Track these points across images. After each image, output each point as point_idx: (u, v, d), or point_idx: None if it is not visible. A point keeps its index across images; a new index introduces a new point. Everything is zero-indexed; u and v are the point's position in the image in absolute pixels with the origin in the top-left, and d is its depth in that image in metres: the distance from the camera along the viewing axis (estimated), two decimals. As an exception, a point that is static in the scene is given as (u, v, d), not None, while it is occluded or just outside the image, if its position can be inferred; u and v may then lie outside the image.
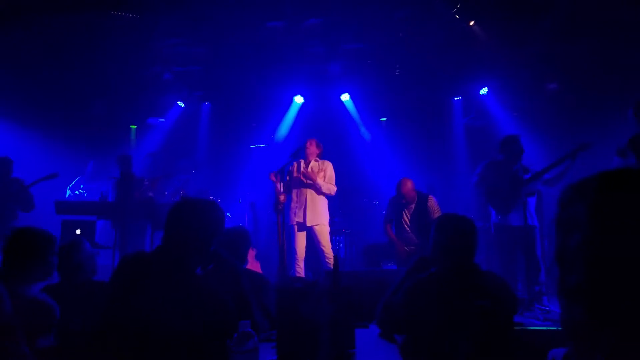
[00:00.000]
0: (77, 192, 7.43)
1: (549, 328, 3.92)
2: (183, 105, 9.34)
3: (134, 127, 9.43)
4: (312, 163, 5.99)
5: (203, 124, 9.56)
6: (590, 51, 6.88)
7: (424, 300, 2.31)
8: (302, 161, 6.01)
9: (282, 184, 5.75)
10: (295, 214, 5.86)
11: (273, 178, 5.68)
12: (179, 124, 9.46)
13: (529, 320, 4.24)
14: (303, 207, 5.83)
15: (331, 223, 7.53)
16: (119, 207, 5.62)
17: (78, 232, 5.57)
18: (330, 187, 5.90)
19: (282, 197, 5.63)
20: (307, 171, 5.85)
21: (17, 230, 2.49)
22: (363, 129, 9.15)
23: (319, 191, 5.86)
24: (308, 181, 5.83)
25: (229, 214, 7.64)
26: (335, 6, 6.66)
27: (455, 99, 9.09)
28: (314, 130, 8.73)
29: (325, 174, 5.93)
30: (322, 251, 5.79)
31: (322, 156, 6.10)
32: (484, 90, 8.57)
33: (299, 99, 9.10)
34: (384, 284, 2.95)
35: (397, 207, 5.79)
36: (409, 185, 5.67)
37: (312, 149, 5.98)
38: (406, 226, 5.74)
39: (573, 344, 0.95)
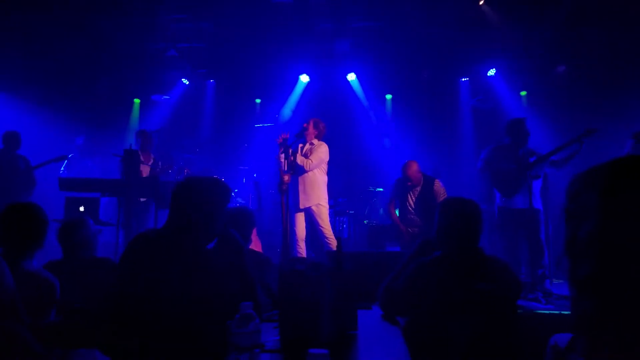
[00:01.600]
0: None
1: (551, 312, 3.93)
2: (187, 82, 9.27)
3: (137, 100, 9.35)
4: (307, 145, 5.93)
5: (208, 102, 9.51)
6: (601, 35, 6.77)
7: (427, 283, 2.30)
8: (300, 144, 5.97)
9: (286, 162, 5.68)
10: (292, 195, 5.86)
11: (280, 141, 5.55)
12: (183, 101, 9.40)
13: (531, 304, 4.25)
14: (296, 188, 5.83)
15: (335, 204, 7.52)
16: (124, 184, 5.60)
17: (82, 209, 5.58)
18: (305, 161, 5.72)
19: (286, 177, 5.60)
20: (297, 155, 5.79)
21: (11, 205, 2.49)
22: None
23: (301, 171, 5.77)
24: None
25: (236, 190, 7.63)
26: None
27: (463, 79, 8.98)
28: (319, 110, 8.66)
29: (310, 154, 5.84)
30: (321, 231, 5.80)
31: (322, 137, 6.00)
32: (491, 72, 8.46)
33: (304, 78, 9.01)
34: (388, 266, 2.94)
35: (402, 189, 5.76)
36: (414, 167, 5.63)
37: (310, 129, 5.92)
38: (410, 208, 5.73)
39: (583, 334, 0.93)
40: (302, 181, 5.82)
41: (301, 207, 5.79)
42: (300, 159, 5.72)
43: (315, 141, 5.92)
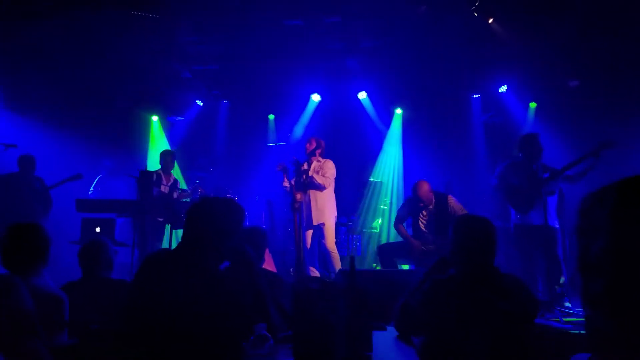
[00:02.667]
0: (97, 189, 7.53)
1: (570, 330, 3.86)
2: (202, 104, 9.41)
3: (155, 117, 9.45)
4: (315, 163, 6.02)
5: (221, 122, 9.62)
6: (613, 48, 6.74)
7: (443, 302, 2.29)
8: (305, 162, 6.05)
9: (292, 181, 5.86)
10: (304, 214, 5.92)
11: (280, 168, 5.86)
12: (197, 122, 9.54)
13: (549, 322, 4.18)
14: (308, 206, 5.88)
15: (348, 221, 7.55)
16: (139, 205, 5.67)
17: (98, 229, 5.65)
18: (323, 179, 5.90)
19: (298, 196, 5.64)
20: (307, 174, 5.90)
21: (13, 226, 2.56)
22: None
23: (319, 189, 5.88)
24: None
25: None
26: (353, 4, 6.63)
27: (474, 96, 8.98)
28: (330, 128, 8.72)
29: (322, 169, 5.98)
30: (327, 245, 5.86)
31: (324, 153, 6.10)
32: (503, 88, 8.46)
33: (316, 97, 9.09)
34: (402, 285, 2.93)
35: (414, 208, 5.71)
36: (425, 187, 5.58)
37: (312, 148, 6.04)
38: (423, 227, 5.66)
39: (597, 353, 0.93)
40: (315, 198, 5.91)
41: (315, 223, 5.86)
42: (319, 178, 5.84)
43: (320, 158, 6.02)
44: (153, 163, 8.33)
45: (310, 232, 6.01)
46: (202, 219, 2.12)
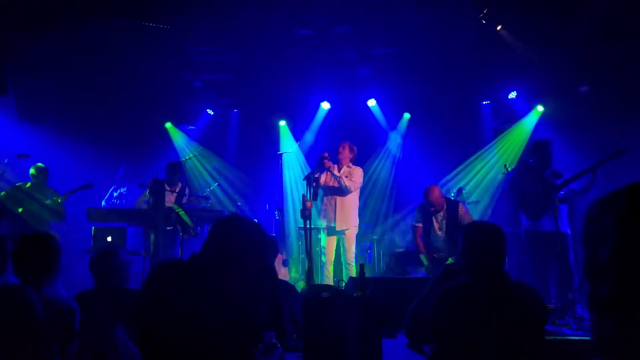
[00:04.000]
0: (113, 201, 7.57)
1: (582, 338, 3.82)
2: (212, 113, 9.48)
3: (169, 125, 9.52)
4: (344, 168, 5.98)
5: (232, 131, 9.68)
6: (623, 53, 6.71)
7: (453, 309, 2.28)
8: (335, 166, 5.97)
9: (310, 189, 5.74)
10: (325, 217, 5.89)
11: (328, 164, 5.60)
12: (208, 130, 9.61)
13: (561, 330, 4.14)
14: (333, 211, 5.85)
15: (359, 229, 7.53)
16: (150, 214, 5.71)
17: (109, 239, 5.69)
18: (349, 182, 5.85)
19: (309, 204, 5.62)
20: (333, 168, 5.80)
21: (24, 237, 2.60)
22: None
23: (344, 192, 5.86)
24: (335, 184, 5.83)
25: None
26: (363, 12, 6.67)
27: (484, 102, 8.97)
28: (341, 135, 8.73)
29: (350, 174, 5.94)
30: (348, 255, 5.83)
31: (355, 160, 6.07)
32: (512, 95, 8.44)
33: (325, 105, 9.12)
34: (412, 292, 2.92)
35: (426, 214, 5.69)
36: (436, 192, 5.57)
37: (345, 153, 5.97)
38: (436, 233, 5.64)
39: (604, 358, 0.94)
40: (341, 204, 5.86)
41: (338, 229, 5.81)
42: (346, 181, 5.80)
43: (350, 164, 6.00)
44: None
45: (332, 238, 5.94)
46: (231, 236, 2.07)
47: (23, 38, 6.61)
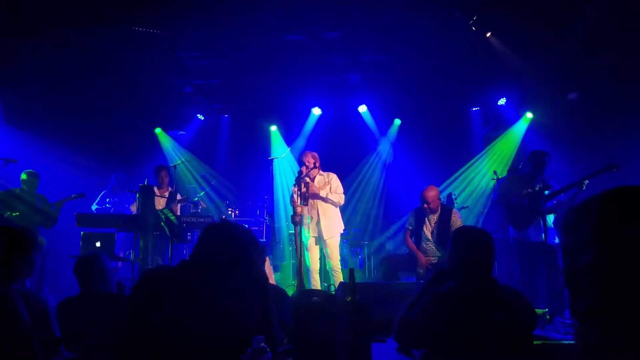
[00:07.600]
0: (105, 206, 7.51)
1: (570, 342, 3.83)
2: (203, 118, 9.46)
3: (159, 130, 9.48)
4: (318, 177, 5.94)
5: (222, 136, 9.67)
6: (613, 62, 6.79)
7: (443, 314, 2.29)
8: (306, 177, 5.94)
9: (299, 194, 5.72)
10: (309, 227, 5.86)
11: (295, 190, 5.64)
12: (198, 136, 9.58)
13: (550, 334, 4.16)
14: (316, 221, 5.83)
15: (350, 234, 7.52)
16: (140, 219, 5.67)
17: (98, 244, 5.64)
18: (338, 197, 5.87)
19: (299, 209, 5.61)
20: (312, 187, 5.77)
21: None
22: None
23: (328, 203, 5.85)
24: (315, 195, 5.79)
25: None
26: (353, 19, 6.70)
27: (474, 109, 9.03)
28: (331, 141, 8.76)
29: (331, 186, 5.91)
30: (332, 262, 5.81)
31: (321, 166, 6.04)
32: (502, 101, 8.51)
33: (316, 111, 9.13)
34: (403, 297, 2.92)
35: (420, 216, 5.70)
36: (434, 192, 5.58)
37: (311, 164, 5.83)
38: (427, 236, 5.64)
39: None
40: (324, 213, 5.83)
41: (325, 237, 5.78)
42: (335, 197, 5.80)
43: (321, 172, 5.95)
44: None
45: (316, 247, 5.92)
46: (217, 242, 2.06)
47: (10, 42, 6.55)
